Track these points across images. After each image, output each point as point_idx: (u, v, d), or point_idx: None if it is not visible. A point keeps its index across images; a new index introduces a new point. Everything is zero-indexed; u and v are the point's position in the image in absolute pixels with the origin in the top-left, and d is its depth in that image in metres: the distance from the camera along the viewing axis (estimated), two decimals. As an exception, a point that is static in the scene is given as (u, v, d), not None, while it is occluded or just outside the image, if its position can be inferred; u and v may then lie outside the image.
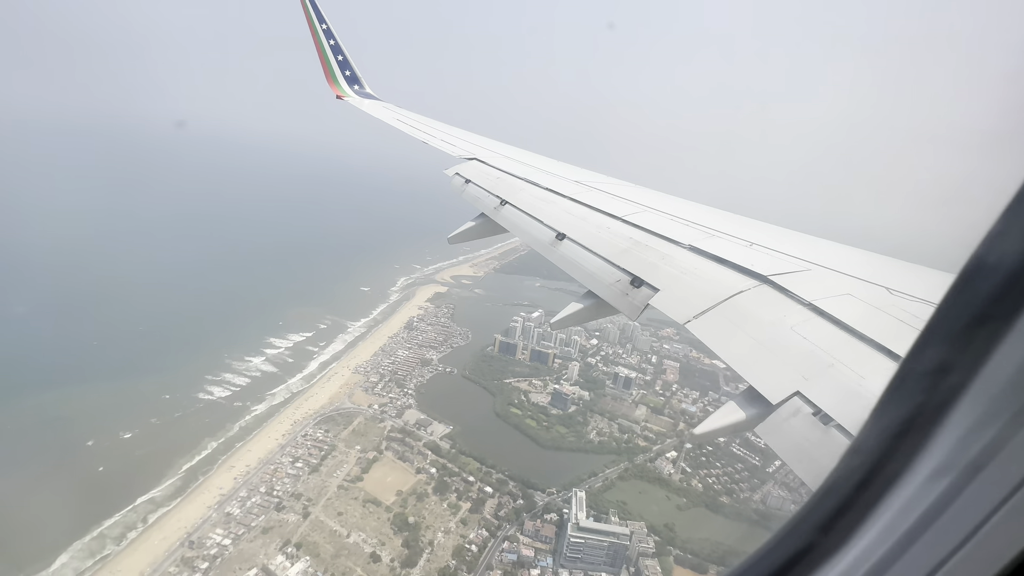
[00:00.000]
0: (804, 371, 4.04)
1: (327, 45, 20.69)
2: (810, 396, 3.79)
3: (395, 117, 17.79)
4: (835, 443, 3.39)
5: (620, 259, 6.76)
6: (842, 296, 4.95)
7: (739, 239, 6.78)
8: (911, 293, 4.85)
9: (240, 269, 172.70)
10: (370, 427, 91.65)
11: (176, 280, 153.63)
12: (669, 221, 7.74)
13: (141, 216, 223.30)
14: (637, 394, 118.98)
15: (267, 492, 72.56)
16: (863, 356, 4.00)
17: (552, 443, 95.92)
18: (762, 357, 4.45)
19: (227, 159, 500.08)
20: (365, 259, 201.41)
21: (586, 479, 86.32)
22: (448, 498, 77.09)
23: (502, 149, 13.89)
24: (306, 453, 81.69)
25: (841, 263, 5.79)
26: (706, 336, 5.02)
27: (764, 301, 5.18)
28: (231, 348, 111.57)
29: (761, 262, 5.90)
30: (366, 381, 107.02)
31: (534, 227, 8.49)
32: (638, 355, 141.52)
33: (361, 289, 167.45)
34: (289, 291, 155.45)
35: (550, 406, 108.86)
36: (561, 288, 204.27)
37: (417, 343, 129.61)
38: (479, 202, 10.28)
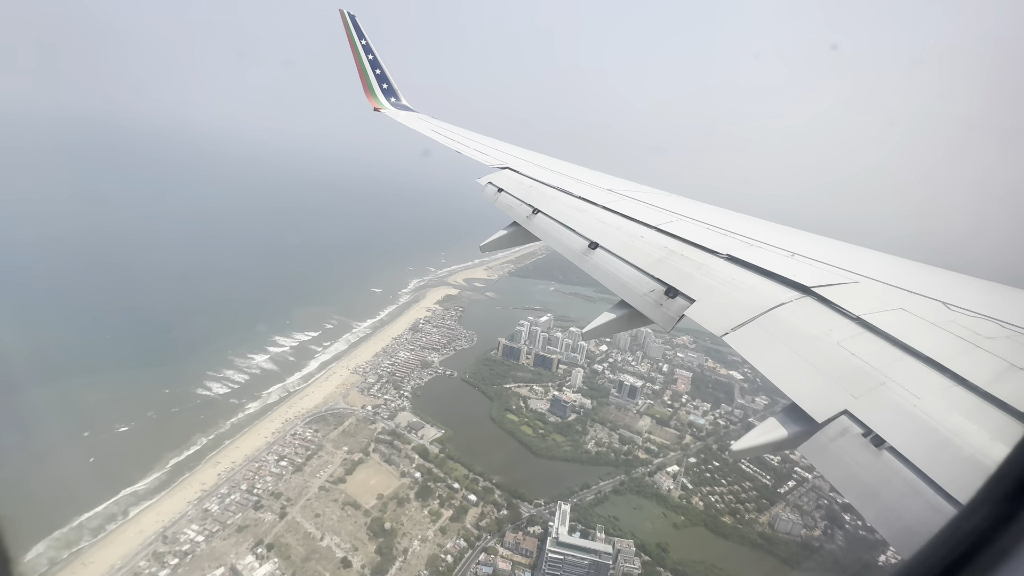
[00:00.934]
0: (852, 389, 3.82)
1: (366, 60, 21.60)
2: (860, 415, 3.57)
3: (430, 128, 18.01)
4: (889, 467, 3.15)
5: (654, 269, 6.59)
6: (894, 310, 4.69)
7: (780, 249, 6.52)
8: (972, 309, 4.54)
9: (258, 269, 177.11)
10: (360, 428, 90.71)
11: (195, 278, 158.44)
12: (705, 230, 7.52)
13: (174, 216, 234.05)
14: (643, 404, 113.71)
15: (248, 490, 72.38)
16: (919, 375, 3.74)
17: (546, 452, 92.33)
18: (806, 373, 4.22)
19: (264, 166, 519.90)
20: (382, 262, 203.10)
21: (578, 491, 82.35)
22: (430, 504, 74.89)
23: (534, 158, 13.86)
24: (292, 452, 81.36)
25: (892, 275, 5.48)
26: (745, 349, 4.81)
27: (808, 314, 4.96)
28: (236, 345, 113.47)
29: (804, 273, 5.63)
30: (363, 382, 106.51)
31: (566, 236, 8.40)
32: (649, 363, 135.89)
33: (372, 290, 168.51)
34: (302, 291, 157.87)
35: (549, 413, 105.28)
36: (576, 293, 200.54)
37: (420, 345, 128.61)
38: (512, 211, 10.24)
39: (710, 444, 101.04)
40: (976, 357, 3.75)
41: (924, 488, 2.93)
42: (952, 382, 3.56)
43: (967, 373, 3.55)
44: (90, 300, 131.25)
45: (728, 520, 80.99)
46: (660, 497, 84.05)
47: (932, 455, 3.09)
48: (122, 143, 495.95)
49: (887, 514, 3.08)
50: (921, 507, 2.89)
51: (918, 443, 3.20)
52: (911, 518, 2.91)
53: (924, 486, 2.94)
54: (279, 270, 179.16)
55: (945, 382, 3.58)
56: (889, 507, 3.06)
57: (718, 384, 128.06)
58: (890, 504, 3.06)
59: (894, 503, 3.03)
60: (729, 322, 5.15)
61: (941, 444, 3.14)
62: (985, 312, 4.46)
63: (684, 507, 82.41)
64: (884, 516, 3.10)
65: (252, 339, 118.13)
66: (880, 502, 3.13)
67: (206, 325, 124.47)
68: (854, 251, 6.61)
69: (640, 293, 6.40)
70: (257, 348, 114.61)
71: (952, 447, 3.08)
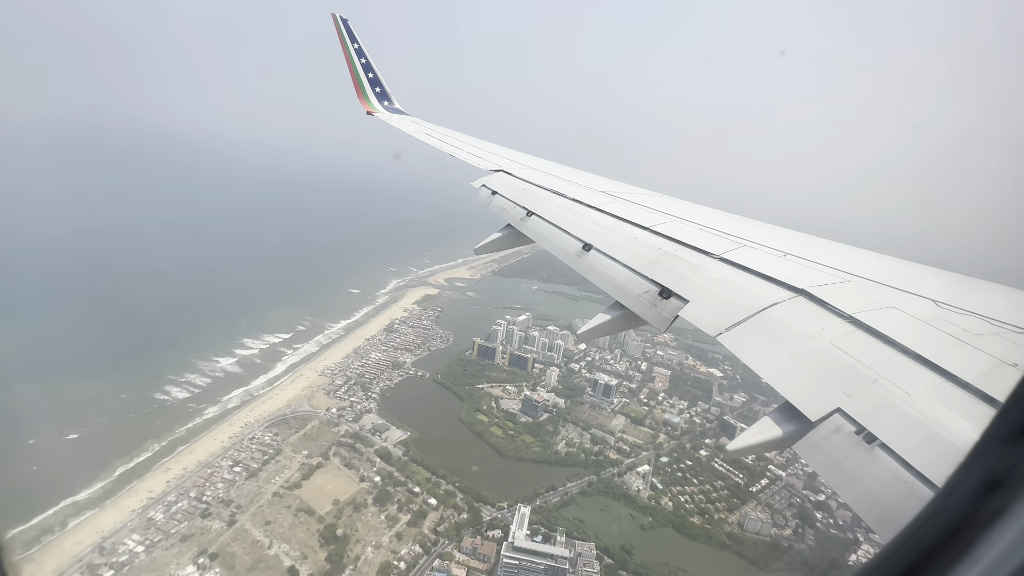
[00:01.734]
0: (845, 387, 3.87)
1: (359, 63, 21.55)
2: (852, 413, 3.61)
3: (423, 131, 17.99)
4: (881, 465, 3.21)
5: (648, 270, 6.58)
6: (885, 309, 4.71)
7: (772, 249, 6.56)
8: (961, 306, 4.60)
9: (237, 270, 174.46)
10: (323, 431, 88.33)
11: (174, 279, 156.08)
12: (698, 231, 7.54)
13: (155, 218, 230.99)
14: (618, 402, 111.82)
15: (197, 497, 69.86)
16: (910, 372, 3.80)
17: (514, 453, 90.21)
18: (799, 372, 4.25)
19: (252, 169, 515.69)
20: (364, 262, 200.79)
21: (543, 493, 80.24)
22: (387, 509, 72.56)
23: (528, 161, 13.83)
24: (248, 457, 78.87)
25: (883, 274, 5.51)
26: (739, 349, 4.82)
27: (801, 313, 4.97)
28: (203, 348, 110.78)
29: (796, 273, 5.70)
30: (331, 384, 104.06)
31: (560, 238, 8.41)
32: (628, 361, 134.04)
33: (350, 291, 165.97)
34: (278, 292, 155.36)
35: (520, 413, 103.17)
36: (559, 292, 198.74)
37: (393, 346, 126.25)
38: (505, 213, 10.20)
39: (684, 443, 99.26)
40: (966, 354, 3.81)
41: (917, 484, 2.96)
42: (942, 379, 3.62)
43: (957, 370, 3.59)
44: (60, 302, 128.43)
45: (697, 520, 79.10)
46: (628, 498, 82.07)
47: (924, 451, 3.11)
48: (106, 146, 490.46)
49: (881, 511, 3.08)
50: (915, 504, 2.90)
51: (910, 440, 3.23)
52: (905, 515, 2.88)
53: (916, 482, 2.97)
54: (258, 271, 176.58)
55: (936, 379, 3.65)
56: (883, 505, 3.08)
57: (697, 382, 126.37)
58: (884, 502, 3.08)
59: (888, 500, 3.05)
60: (723, 322, 5.17)
61: (932, 440, 3.16)
62: (974, 310, 4.50)
63: (652, 508, 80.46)
64: (878, 513, 3.10)
65: (219, 342, 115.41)
66: (874, 499, 3.15)
67: (175, 327, 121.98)
68: (846, 251, 6.62)
69: (634, 294, 6.40)
70: (223, 351, 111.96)
71: (943, 443, 3.11)
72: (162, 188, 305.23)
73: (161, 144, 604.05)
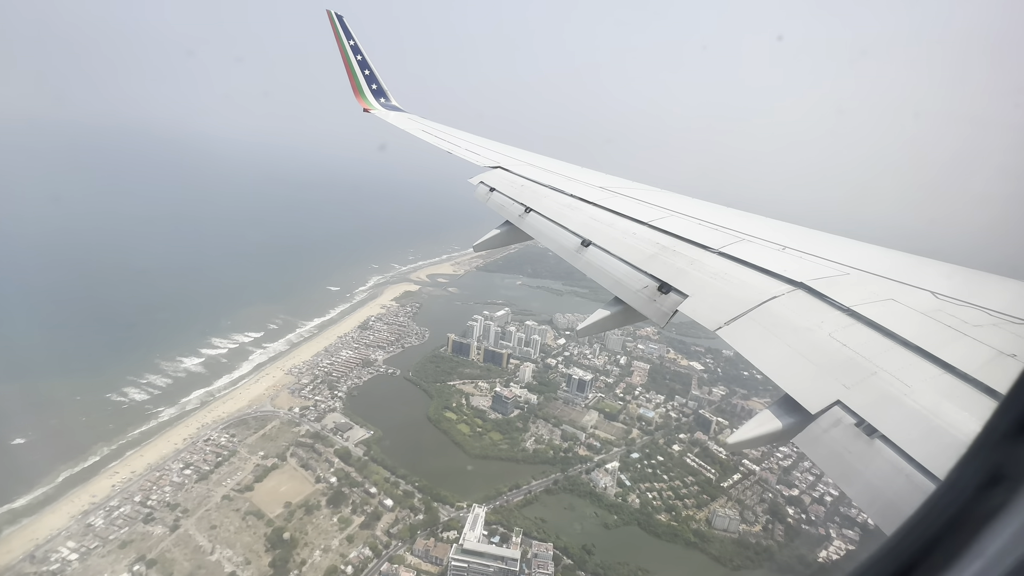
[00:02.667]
0: (844, 379, 3.85)
1: (355, 60, 21.27)
2: (852, 406, 3.60)
3: (420, 128, 17.83)
4: (882, 457, 3.21)
5: (647, 265, 6.58)
6: (884, 301, 4.69)
7: (771, 243, 6.55)
8: (959, 297, 4.59)
9: (217, 267, 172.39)
10: (283, 432, 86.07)
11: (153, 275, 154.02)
12: (697, 225, 7.49)
13: (137, 215, 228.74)
14: (593, 398, 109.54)
15: (141, 502, 67.64)
16: (909, 364, 3.77)
17: (480, 451, 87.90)
18: (799, 365, 4.23)
19: (242, 166, 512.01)
20: (347, 259, 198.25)
21: (506, 492, 78.02)
22: (341, 511, 70.37)
23: (526, 157, 13.65)
24: (201, 459, 76.62)
25: (882, 267, 5.51)
26: (738, 343, 4.80)
27: (800, 307, 4.95)
28: (168, 349, 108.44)
29: (795, 266, 5.69)
30: (296, 383, 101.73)
31: (559, 234, 8.34)
32: (607, 355, 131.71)
33: (328, 288, 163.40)
34: (256, 290, 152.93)
35: (490, 410, 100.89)
36: (544, 286, 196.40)
37: (366, 343, 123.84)
38: (504, 210, 10.15)
39: (657, 439, 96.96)
40: (964, 345, 3.79)
41: (917, 476, 2.95)
42: (941, 370, 3.60)
43: (956, 361, 3.58)
44: (33, 302, 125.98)
45: (664, 518, 76.87)
46: (595, 496, 79.81)
47: (924, 443, 3.09)
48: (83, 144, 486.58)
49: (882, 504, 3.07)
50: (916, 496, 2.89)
51: (909, 431, 3.21)
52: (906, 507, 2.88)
53: (917, 474, 2.95)
54: (237, 269, 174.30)
55: (935, 370, 3.63)
56: (884, 497, 3.07)
57: (676, 376, 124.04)
58: (885, 494, 3.07)
59: (889, 493, 3.04)
60: (722, 316, 5.15)
61: (932, 432, 3.14)
62: (972, 301, 4.48)
63: (619, 506, 78.21)
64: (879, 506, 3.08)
65: (186, 342, 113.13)
66: (875, 492, 3.14)
67: (144, 326, 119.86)
68: (845, 243, 6.59)
69: (634, 289, 6.37)
70: (189, 351, 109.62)
71: (943, 435, 3.09)
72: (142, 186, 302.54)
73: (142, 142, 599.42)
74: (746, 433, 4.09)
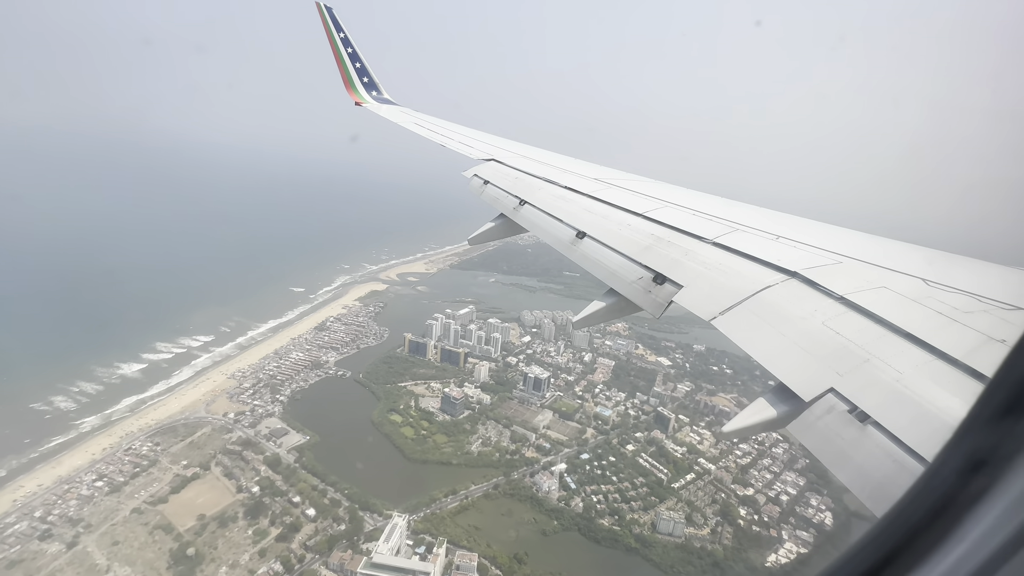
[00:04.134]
0: (838, 367, 3.89)
1: (345, 53, 20.91)
2: (845, 393, 3.65)
3: (413, 121, 17.60)
4: (873, 442, 3.25)
5: (642, 256, 6.61)
6: (877, 289, 4.73)
7: (765, 233, 6.59)
8: (950, 284, 4.62)
9: (184, 268, 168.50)
10: (212, 439, 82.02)
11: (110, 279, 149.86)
12: (692, 216, 7.52)
13: (96, 215, 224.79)
14: (551, 396, 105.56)
15: (41, 517, 63.58)
16: (901, 351, 3.82)
17: (421, 455, 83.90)
18: (792, 353, 4.30)
19: (223, 168, 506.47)
20: (318, 259, 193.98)
21: (440, 498, 74.02)
22: (258, 523, 66.36)
23: (520, 149, 13.59)
24: (117, 470, 72.57)
25: (874, 255, 5.53)
26: (732, 333, 4.82)
27: (793, 296, 4.98)
28: (106, 353, 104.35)
29: (789, 256, 5.72)
30: (237, 387, 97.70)
31: (554, 226, 8.34)
32: (571, 352, 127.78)
33: (291, 289, 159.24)
34: (215, 292, 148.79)
35: (439, 412, 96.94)
36: (518, 283, 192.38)
37: (320, 345, 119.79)
38: (498, 203, 10.13)
39: (611, 438, 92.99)
40: (955, 331, 3.83)
41: (908, 460, 2.99)
42: (933, 356, 3.63)
43: (947, 347, 3.61)
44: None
45: (606, 522, 72.93)
46: (536, 500, 75.83)
47: (915, 428, 3.13)
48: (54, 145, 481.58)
49: (873, 488, 3.09)
50: (907, 480, 2.93)
51: (901, 417, 3.24)
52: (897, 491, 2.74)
53: (908, 458, 2.99)
54: (203, 270, 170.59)
55: (926, 357, 3.66)
56: (875, 481, 3.10)
57: (641, 372, 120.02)
58: (875, 478, 3.10)
59: (880, 477, 3.07)
60: (717, 306, 5.18)
61: (923, 417, 3.18)
62: (963, 287, 4.50)
63: (560, 510, 74.26)
64: (870, 490, 3.10)
65: (129, 345, 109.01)
66: (866, 476, 3.17)
67: (88, 329, 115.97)
68: (838, 232, 6.61)
69: (628, 281, 6.40)
70: (130, 356, 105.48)
71: (934, 420, 3.13)
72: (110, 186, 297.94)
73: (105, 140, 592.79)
74: (741, 421, 4.10)
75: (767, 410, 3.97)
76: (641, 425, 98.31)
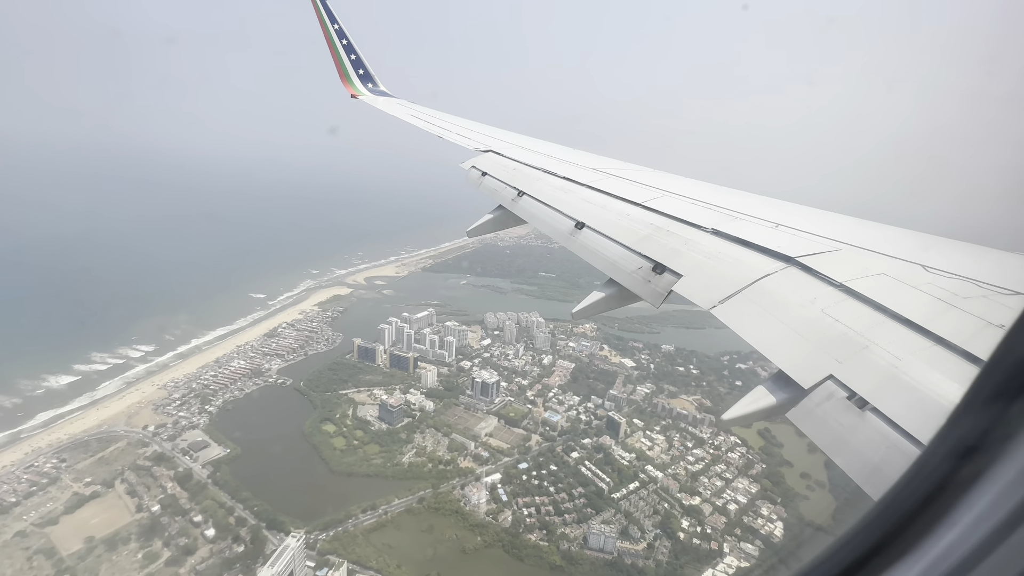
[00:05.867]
0: (837, 354, 3.89)
1: (340, 45, 20.73)
2: (844, 380, 3.65)
3: (409, 113, 17.51)
4: (872, 428, 3.26)
5: (641, 246, 6.61)
6: (875, 276, 4.73)
7: (764, 220, 6.58)
8: (948, 270, 4.60)
9: (134, 277, 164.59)
10: (125, 454, 77.45)
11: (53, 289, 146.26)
12: (690, 205, 7.52)
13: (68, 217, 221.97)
14: (500, 402, 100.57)
15: (-88, 544, 59.12)
16: (900, 337, 3.81)
17: (346, 468, 79.01)
18: (792, 341, 4.30)
19: (202, 176, 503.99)
20: (287, 264, 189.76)
21: (356, 515, 69.12)
22: (151, 546, 61.62)
23: (518, 140, 13.55)
24: (11, 489, 68.07)
25: (873, 242, 5.54)
26: (732, 321, 4.81)
27: (792, 283, 4.98)
28: (34, 364, 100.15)
29: (788, 243, 5.72)
30: (167, 398, 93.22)
31: (553, 217, 8.32)
32: (532, 355, 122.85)
33: (251, 295, 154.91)
34: (167, 299, 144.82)
35: (377, 420, 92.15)
36: (489, 285, 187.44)
37: (265, 352, 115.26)
38: (497, 194, 10.09)
39: (556, 446, 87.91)
40: (954, 317, 3.82)
41: (906, 445, 2.98)
42: (932, 342, 3.63)
43: (946, 333, 3.61)
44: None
45: (534, 538, 67.84)
46: (462, 514, 70.77)
47: (914, 413, 3.13)
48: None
49: (873, 475, 3.08)
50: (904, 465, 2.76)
51: (900, 403, 3.24)
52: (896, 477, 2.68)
53: (907, 443, 2.99)
54: (161, 277, 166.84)
55: (925, 343, 3.65)
56: (874, 466, 3.09)
57: (602, 374, 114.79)
58: (875, 463, 3.09)
59: (879, 462, 3.07)
60: (716, 295, 5.18)
61: (922, 403, 3.18)
62: (962, 273, 4.49)
63: (486, 525, 69.17)
64: (869, 476, 3.09)
65: (63, 357, 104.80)
66: (865, 462, 3.16)
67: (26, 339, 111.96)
68: (836, 220, 6.62)
69: (628, 271, 6.40)
70: (60, 368, 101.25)
71: (932, 405, 3.12)
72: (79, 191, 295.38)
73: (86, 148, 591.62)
74: (741, 409, 4.07)
75: (766, 398, 3.96)
76: (591, 431, 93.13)
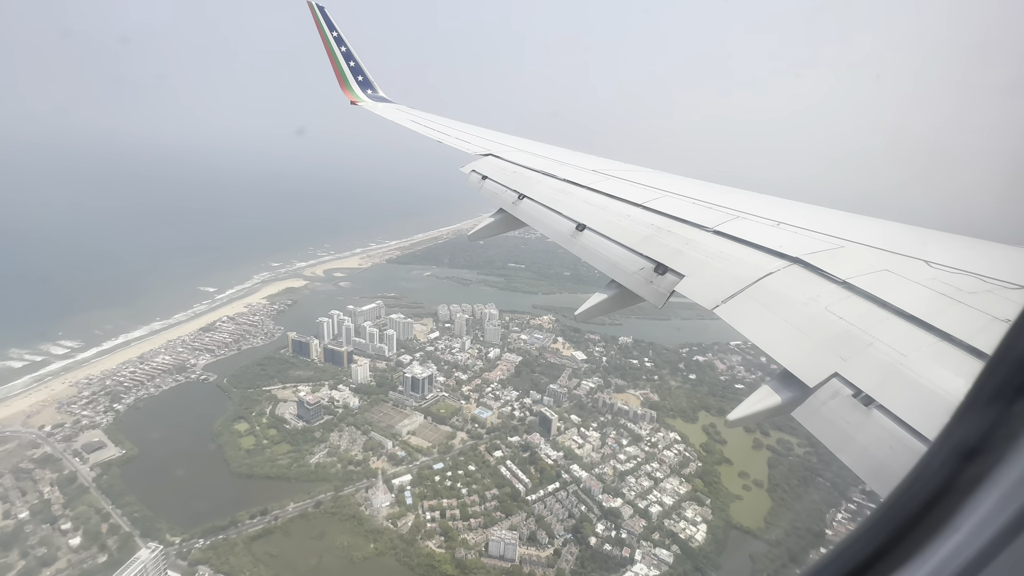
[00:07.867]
0: (841, 352, 3.85)
1: (339, 52, 20.96)
2: (849, 377, 3.62)
3: (409, 118, 17.56)
4: (878, 425, 3.22)
5: (642, 246, 6.58)
6: (879, 272, 4.68)
7: (765, 219, 6.53)
8: (952, 265, 4.55)
9: (80, 271, 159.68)
10: (12, 455, 72.78)
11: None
12: (691, 205, 7.47)
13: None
14: (432, 398, 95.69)
15: None
16: (904, 334, 3.76)
17: (247, 469, 74.20)
18: (796, 339, 4.26)
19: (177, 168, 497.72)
20: (247, 256, 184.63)
21: (247, 519, 64.34)
22: (6, 557, 56.95)
23: (517, 143, 13.50)
24: None
25: (876, 238, 5.49)
26: (735, 320, 4.77)
27: (795, 281, 4.94)
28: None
29: (790, 242, 5.68)
30: (75, 396, 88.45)
31: (553, 219, 8.26)
32: (478, 348, 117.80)
33: (200, 288, 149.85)
34: (108, 292, 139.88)
35: (295, 418, 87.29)
36: (453, 276, 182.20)
37: (196, 347, 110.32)
38: (497, 198, 10.02)
39: (479, 444, 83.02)
40: (959, 312, 3.79)
41: (912, 442, 2.96)
42: (937, 338, 3.58)
43: (950, 328, 3.58)
44: None
45: (432, 544, 63.06)
46: (360, 520, 65.98)
47: (920, 410, 3.10)
48: None
49: (880, 472, 3.06)
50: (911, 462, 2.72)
51: (905, 399, 3.22)
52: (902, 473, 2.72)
53: (913, 440, 2.97)
54: (111, 269, 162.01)
55: (930, 339, 3.61)
56: (880, 464, 3.07)
57: (549, 368, 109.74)
58: (881, 461, 3.07)
59: (885, 460, 3.05)
60: (719, 295, 5.15)
61: (928, 399, 3.16)
62: (965, 268, 4.46)
63: (382, 531, 64.33)
64: (876, 473, 3.08)
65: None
66: (871, 459, 3.13)
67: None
68: (838, 217, 6.56)
69: (630, 272, 6.37)
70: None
71: (939, 401, 3.10)
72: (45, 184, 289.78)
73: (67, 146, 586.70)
74: (746, 409, 4.02)
75: (771, 397, 3.90)
76: (522, 428, 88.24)
